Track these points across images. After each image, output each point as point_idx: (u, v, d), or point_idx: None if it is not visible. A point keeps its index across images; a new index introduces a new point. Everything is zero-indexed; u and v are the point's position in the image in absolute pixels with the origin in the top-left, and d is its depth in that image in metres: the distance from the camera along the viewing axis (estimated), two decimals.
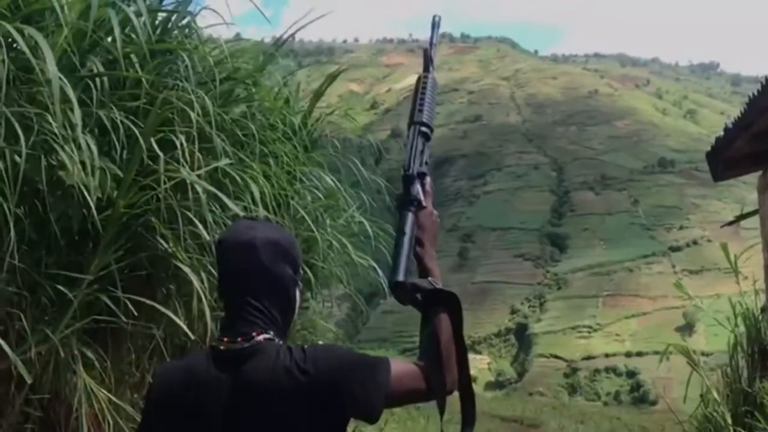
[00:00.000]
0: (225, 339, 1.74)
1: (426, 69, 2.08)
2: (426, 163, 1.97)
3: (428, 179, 1.96)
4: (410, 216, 1.89)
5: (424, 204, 1.92)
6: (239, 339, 1.72)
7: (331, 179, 4.82)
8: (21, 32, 2.72)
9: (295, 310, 1.86)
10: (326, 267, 4.67)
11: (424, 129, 1.99)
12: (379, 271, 4.84)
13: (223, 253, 1.81)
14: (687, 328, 79.24)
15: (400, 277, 1.81)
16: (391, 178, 4.74)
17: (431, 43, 2.12)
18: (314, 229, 4.33)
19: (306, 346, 1.73)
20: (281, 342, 1.76)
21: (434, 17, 2.15)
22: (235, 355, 1.71)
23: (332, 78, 5.09)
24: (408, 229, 1.87)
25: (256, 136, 3.91)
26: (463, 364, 1.81)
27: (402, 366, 1.76)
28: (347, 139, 5.46)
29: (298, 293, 1.86)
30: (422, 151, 1.96)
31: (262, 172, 3.87)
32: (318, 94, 4.97)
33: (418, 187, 1.92)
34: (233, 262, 1.78)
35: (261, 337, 1.72)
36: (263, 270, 1.76)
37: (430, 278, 1.85)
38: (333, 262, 4.74)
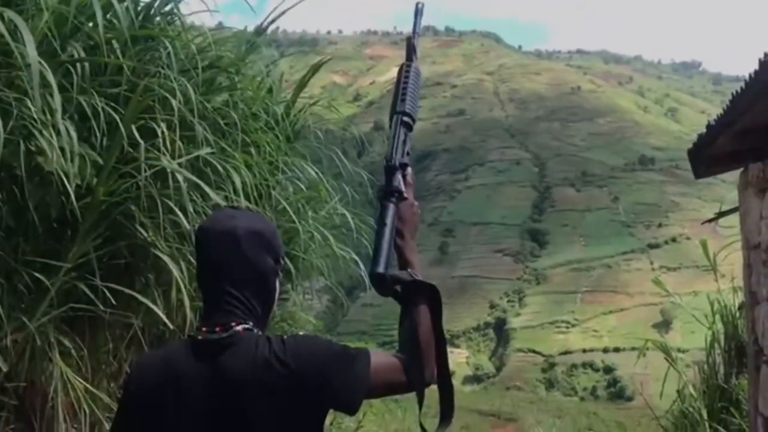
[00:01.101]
0: (203, 328, 1.73)
1: (409, 58, 2.05)
2: (408, 153, 1.95)
3: (409, 170, 1.95)
4: (391, 207, 1.88)
5: (405, 195, 1.90)
6: (217, 329, 1.71)
7: (314, 170, 4.80)
8: (0, 15, 2.68)
9: (274, 300, 1.85)
10: (307, 258, 4.67)
11: (406, 119, 1.97)
12: (360, 264, 4.84)
13: (204, 241, 1.79)
14: (664, 324, 79.82)
15: (381, 269, 1.80)
16: (374, 171, 4.74)
17: (414, 31, 2.09)
18: (296, 221, 4.32)
19: (285, 337, 1.72)
20: (260, 332, 1.74)
21: (417, 4, 2.13)
22: (213, 345, 1.69)
23: (316, 68, 5.08)
24: (389, 220, 1.86)
25: (238, 125, 3.89)
26: (443, 357, 1.81)
27: (382, 358, 1.75)
28: (330, 131, 5.44)
29: (278, 283, 1.85)
30: (404, 142, 1.95)
31: (244, 162, 3.85)
32: (301, 85, 4.95)
33: (399, 178, 1.91)
34: (214, 251, 1.76)
35: (240, 327, 1.71)
36: (244, 260, 1.74)
37: (410, 270, 1.84)
38: (314, 254, 4.73)
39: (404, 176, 1.92)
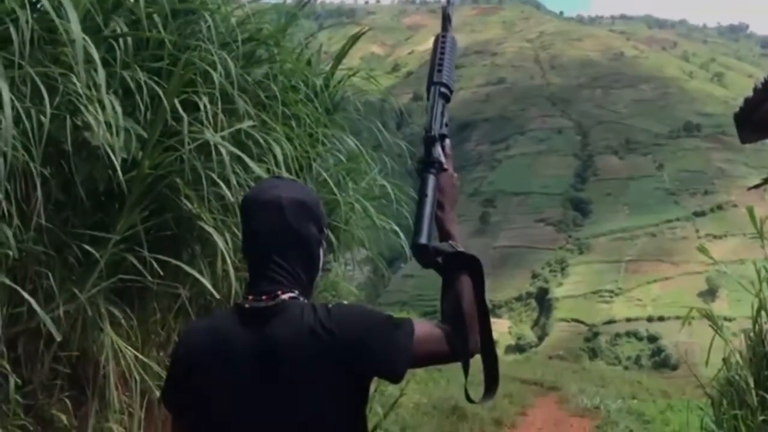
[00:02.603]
0: (250, 297, 1.75)
1: (444, 28, 2.04)
2: (446, 124, 1.95)
3: (448, 141, 1.94)
4: (432, 178, 1.87)
5: (445, 166, 1.90)
6: (264, 297, 1.73)
7: (353, 142, 4.80)
8: None
9: (319, 269, 1.87)
10: (348, 230, 4.69)
11: (443, 90, 1.96)
12: (401, 235, 4.85)
13: (249, 211, 1.81)
14: (710, 293, 78.79)
15: (423, 240, 1.80)
16: (413, 141, 4.73)
17: (449, 1, 2.08)
18: (336, 192, 4.33)
19: (330, 305, 1.74)
20: (305, 301, 1.77)
21: None
22: (259, 313, 1.72)
23: (354, 39, 5.05)
24: (430, 191, 1.86)
25: (279, 98, 3.91)
26: (486, 328, 1.81)
27: (426, 327, 1.76)
28: (369, 102, 5.43)
29: (322, 252, 1.86)
30: (443, 113, 1.94)
31: (285, 134, 3.87)
32: (340, 56, 4.94)
33: (439, 149, 1.91)
34: (259, 220, 1.78)
35: (286, 296, 1.73)
36: (289, 229, 1.76)
37: (450, 242, 1.84)
38: (355, 225, 4.75)
39: (443, 147, 1.92)
